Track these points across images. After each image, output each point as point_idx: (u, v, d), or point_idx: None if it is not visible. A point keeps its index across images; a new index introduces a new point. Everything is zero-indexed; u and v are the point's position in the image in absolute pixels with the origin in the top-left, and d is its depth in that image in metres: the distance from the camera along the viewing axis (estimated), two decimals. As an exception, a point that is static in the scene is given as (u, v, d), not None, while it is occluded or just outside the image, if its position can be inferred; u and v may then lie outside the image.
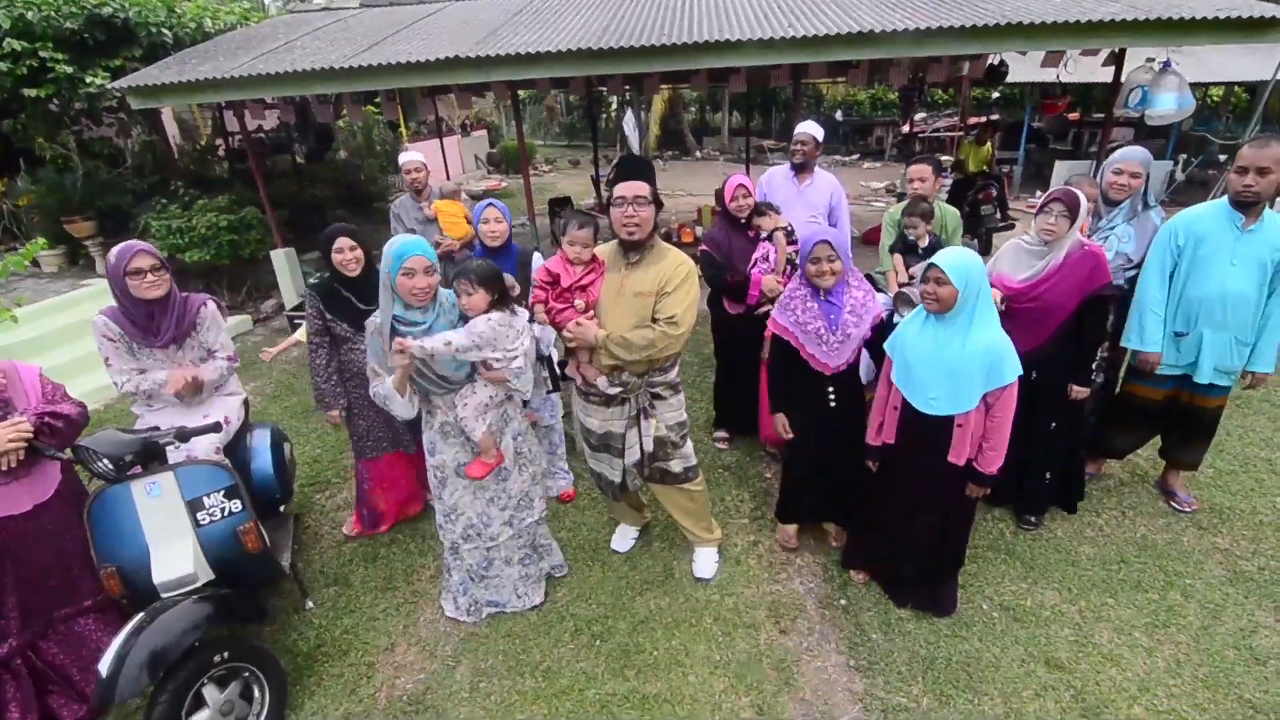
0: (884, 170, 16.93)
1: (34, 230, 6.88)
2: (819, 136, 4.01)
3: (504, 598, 2.83)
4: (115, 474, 2.19)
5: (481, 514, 2.64)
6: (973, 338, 2.35)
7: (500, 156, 18.62)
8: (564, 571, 3.05)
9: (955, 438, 2.45)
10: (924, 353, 2.43)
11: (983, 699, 2.40)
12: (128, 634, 2.06)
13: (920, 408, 2.47)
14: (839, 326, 2.69)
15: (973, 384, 2.37)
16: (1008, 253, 3.01)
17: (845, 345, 2.70)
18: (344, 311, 3.01)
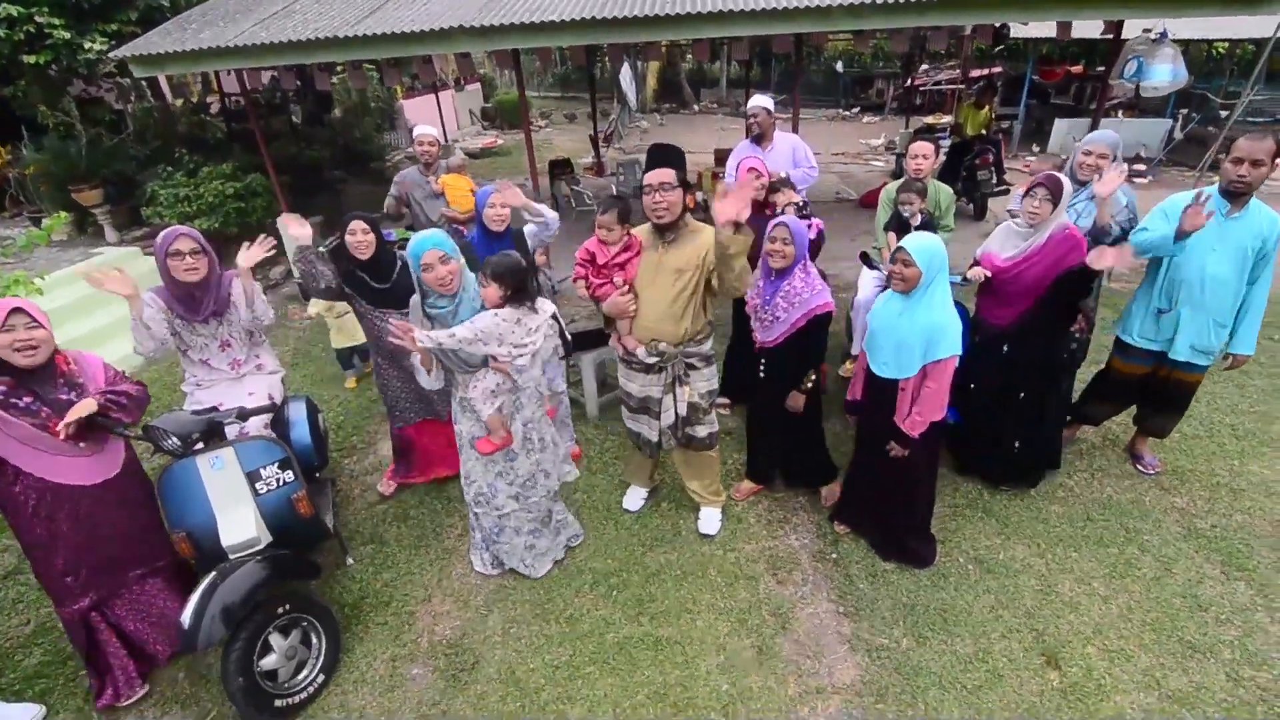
0: (882, 125, 16.78)
1: (41, 199, 6.95)
2: (770, 107, 4.38)
3: (511, 563, 3.11)
4: (182, 450, 2.43)
5: (490, 485, 2.89)
6: (921, 314, 2.64)
7: (495, 111, 18.35)
8: (579, 540, 3.30)
9: (899, 400, 2.78)
10: (883, 322, 2.75)
11: (956, 640, 2.72)
12: (203, 591, 2.34)
13: (874, 369, 2.81)
14: (770, 307, 2.97)
15: (913, 354, 2.68)
16: (998, 234, 3.23)
17: (774, 325, 2.98)
18: (362, 289, 3.22)
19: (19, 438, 2.22)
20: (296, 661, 2.59)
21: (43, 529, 2.33)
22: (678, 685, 2.59)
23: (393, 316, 3.24)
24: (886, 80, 20.11)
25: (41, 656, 2.92)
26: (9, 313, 2.20)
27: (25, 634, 3.05)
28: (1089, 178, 3.28)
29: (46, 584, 2.47)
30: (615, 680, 2.62)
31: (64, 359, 2.39)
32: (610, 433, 4.21)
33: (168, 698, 2.69)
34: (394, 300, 3.23)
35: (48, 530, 2.34)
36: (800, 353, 2.98)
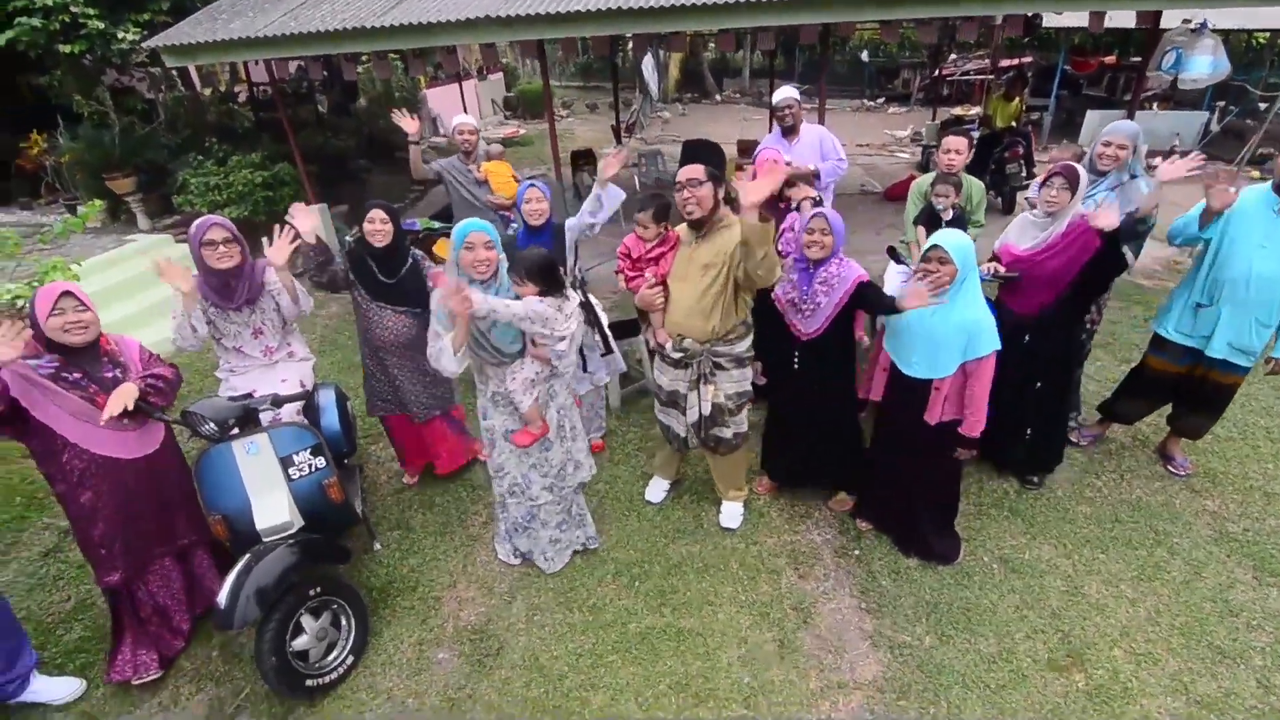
0: (908, 116, 16.52)
1: (76, 186, 7.10)
2: (798, 97, 4.35)
3: (536, 554, 3.13)
4: (219, 435, 2.48)
5: (525, 476, 2.92)
6: (957, 312, 2.60)
7: (517, 100, 18.35)
8: (596, 544, 3.27)
9: (931, 399, 2.74)
10: (912, 320, 2.69)
11: (979, 639, 2.71)
12: (239, 572, 2.40)
13: (904, 370, 2.76)
14: (809, 295, 2.93)
15: (951, 353, 2.64)
16: (1015, 225, 3.20)
17: (817, 313, 2.93)
18: (366, 279, 3.23)
19: (70, 410, 2.32)
20: (327, 643, 2.66)
21: (87, 499, 2.43)
22: (699, 676, 2.61)
23: (388, 312, 3.25)
24: (913, 70, 19.80)
25: (81, 632, 3.01)
26: (59, 296, 2.31)
27: (66, 609, 3.15)
28: (1109, 168, 3.22)
29: (85, 552, 2.57)
30: (637, 669, 2.65)
31: (106, 340, 2.50)
32: (632, 424, 4.23)
33: (202, 674, 2.77)
34: (395, 296, 3.24)
35: (92, 500, 2.43)
36: (844, 339, 2.93)
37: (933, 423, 2.74)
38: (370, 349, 3.37)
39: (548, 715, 2.50)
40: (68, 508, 2.49)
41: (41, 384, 2.27)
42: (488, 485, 3.73)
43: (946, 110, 12.61)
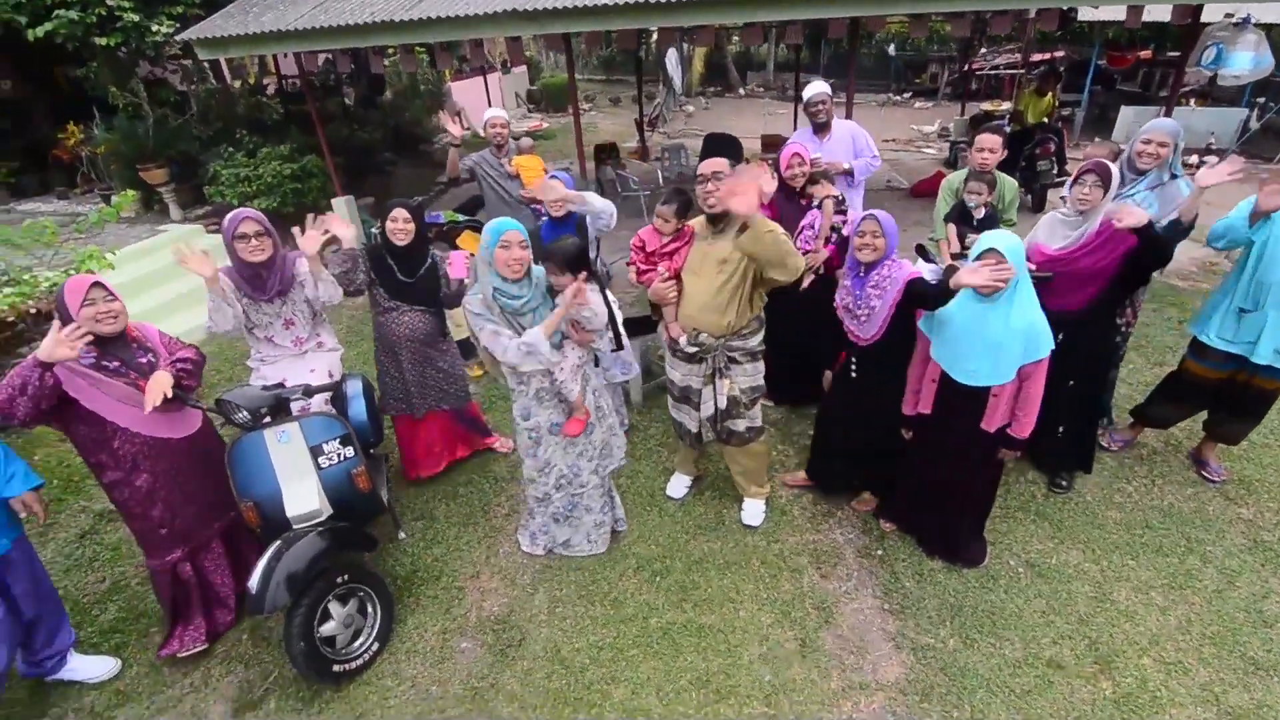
0: (936, 111, 16.26)
1: (111, 177, 7.26)
2: (829, 92, 4.29)
3: (577, 540, 3.16)
4: (252, 423, 2.53)
5: (572, 465, 2.96)
6: (1015, 315, 2.52)
7: (540, 94, 18.37)
8: (624, 526, 3.32)
9: (989, 406, 2.66)
10: (967, 329, 2.60)
11: (1004, 643, 2.68)
12: (270, 558, 2.45)
13: (960, 379, 2.67)
14: (863, 300, 2.89)
15: (1012, 358, 2.56)
16: (1045, 224, 3.13)
17: (872, 318, 2.88)
18: (386, 278, 3.26)
19: (117, 397, 2.39)
20: (353, 630, 2.70)
21: (143, 481, 2.50)
22: (720, 673, 2.62)
23: (405, 310, 3.30)
24: (941, 64, 19.45)
25: (117, 612, 3.10)
26: (90, 287, 2.36)
27: (102, 590, 3.24)
28: (1149, 167, 3.15)
29: (142, 536, 2.63)
30: (658, 664, 2.66)
31: (131, 328, 2.55)
32: (654, 419, 4.24)
33: (232, 656, 2.83)
34: (414, 295, 3.29)
35: (149, 482, 2.50)
36: (903, 343, 2.87)
37: (992, 430, 2.68)
38: (386, 346, 3.40)
39: (569, 707, 2.53)
40: (123, 493, 2.53)
41: (86, 373, 2.33)
42: (510, 478, 3.78)
43: (975, 105, 12.40)
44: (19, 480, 2.47)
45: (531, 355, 2.61)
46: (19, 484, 2.47)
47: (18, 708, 2.64)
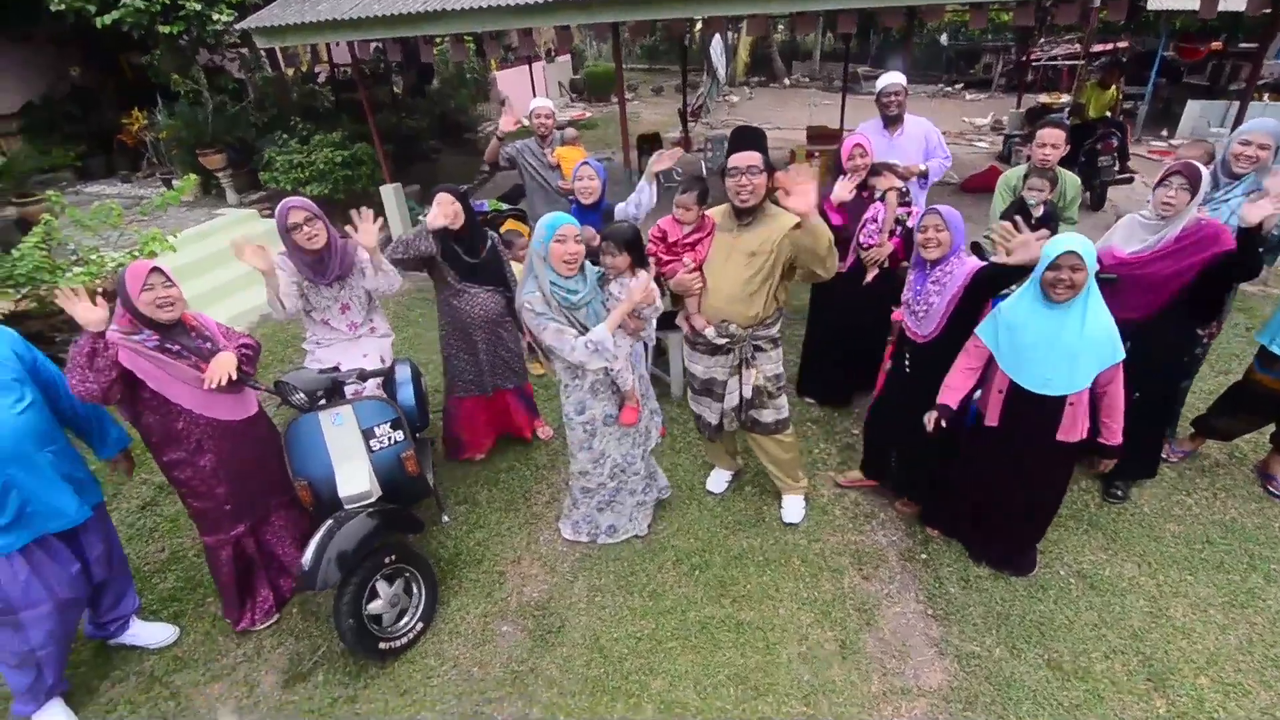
0: (989, 103, 15.76)
1: (172, 161, 7.52)
2: (905, 83, 4.11)
3: (620, 522, 3.20)
4: (308, 405, 2.61)
5: (627, 455, 3.00)
6: (1089, 321, 2.43)
7: (584, 83, 18.36)
8: (668, 493, 3.38)
9: (1066, 416, 2.55)
10: (1039, 336, 2.48)
11: (1053, 655, 2.61)
12: (322, 536, 2.52)
13: (1034, 389, 2.54)
14: (922, 296, 2.82)
15: (1088, 365, 2.46)
16: (1122, 226, 3.00)
17: (929, 315, 2.82)
18: (453, 260, 3.33)
19: (181, 379, 2.47)
20: (399, 609, 2.77)
21: (208, 461, 2.58)
22: (758, 670, 2.61)
23: (477, 290, 3.35)
24: (995, 54, 18.82)
25: (175, 582, 3.23)
26: (149, 272, 2.40)
27: (161, 560, 3.38)
28: (1246, 170, 2.98)
29: (203, 515, 2.70)
30: (696, 658, 2.67)
31: (188, 317, 2.60)
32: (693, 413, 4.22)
33: (282, 629, 2.93)
34: (483, 275, 3.34)
35: (213, 462, 2.59)
36: (962, 338, 2.79)
37: (1071, 440, 2.58)
38: (458, 329, 3.46)
39: (607, 695, 2.55)
40: (185, 473, 2.60)
41: (152, 356, 2.41)
42: (551, 466, 3.82)
43: (1031, 97, 11.98)
44: (114, 442, 2.65)
45: (599, 354, 2.63)
46: (114, 446, 2.65)
47: (83, 668, 2.78)
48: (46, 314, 4.84)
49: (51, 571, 2.41)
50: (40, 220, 4.64)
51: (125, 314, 2.42)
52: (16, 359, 2.36)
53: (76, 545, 2.52)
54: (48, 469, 2.36)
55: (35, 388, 2.39)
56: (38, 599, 2.36)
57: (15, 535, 2.29)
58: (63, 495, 2.40)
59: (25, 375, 2.36)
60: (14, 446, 2.25)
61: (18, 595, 2.33)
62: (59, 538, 2.44)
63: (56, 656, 2.49)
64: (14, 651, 2.41)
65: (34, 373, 2.42)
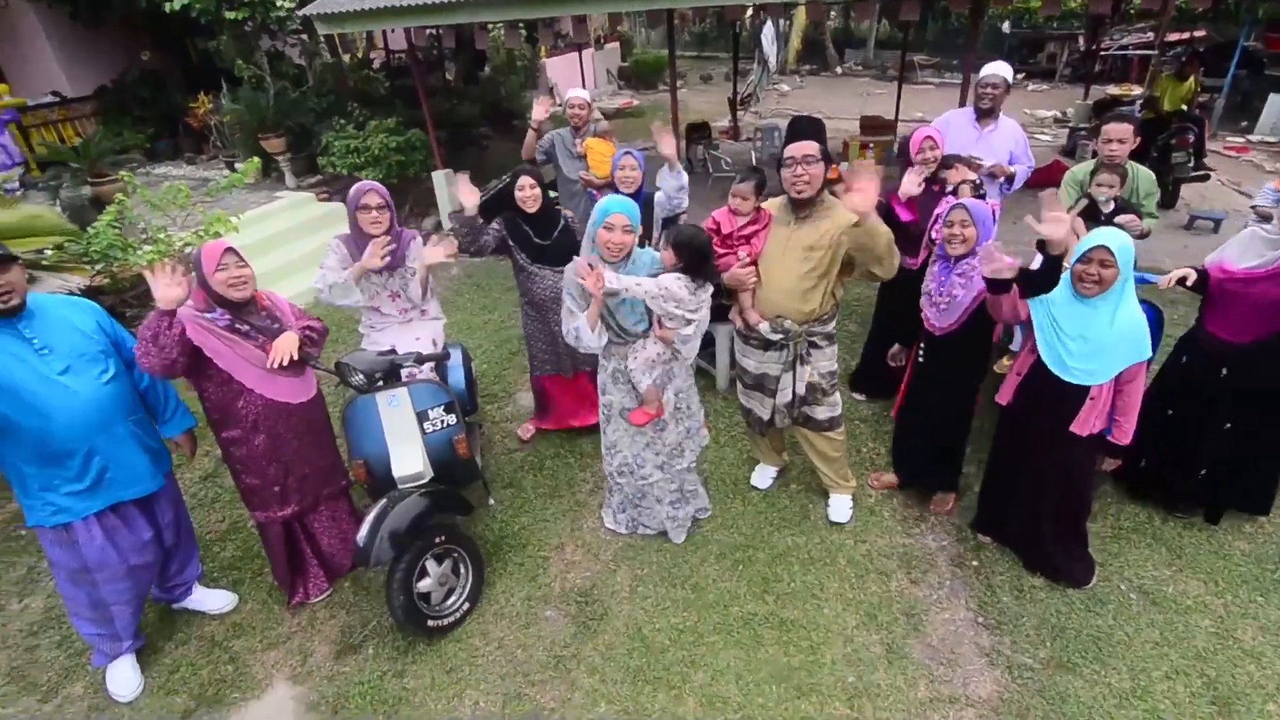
0: (1052, 95, 15.13)
1: (234, 145, 7.76)
2: (1010, 78, 3.88)
3: (653, 524, 3.18)
4: (366, 386, 2.67)
5: (637, 455, 2.96)
6: (1122, 316, 2.39)
7: (631, 71, 18.26)
8: (707, 514, 3.32)
9: (1085, 409, 2.52)
10: (1075, 325, 2.46)
11: (1110, 672, 2.52)
12: (376, 515, 2.59)
13: (1060, 374, 2.50)
14: (945, 288, 2.75)
15: (1114, 358, 2.43)
16: (1240, 240, 2.79)
17: (950, 308, 2.77)
18: (524, 243, 3.39)
19: (246, 358, 2.55)
20: (447, 588, 2.83)
21: (261, 441, 2.66)
22: (801, 669, 2.59)
23: (547, 272, 3.38)
24: (1060, 43, 18.01)
25: (234, 551, 3.37)
26: (223, 252, 2.48)
27: (221, 529, 3.53)
28: None
29: (253, 492, 2.78)
30: (739, 654, 2.66)
31: (261, 295, 2.68)
32: (740, 408, 4.18)
33: (335, 602, 3.03)
34: (553, 257, 3.37)
35: (266, 442, 2.66)
36: (979, 338, 2.77)
37: (1083, 434, 2.53)
38: (534, 309, 3.53)
39: (649, 685, 2.57)
40: (240, 451, 2.68)
41: (221, 334, 2.49)
42: (595, 454, 3.84)
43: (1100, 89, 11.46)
44: (178, 421, 2.75)
45: (579, 340, 2.66)
46: (178, 425, 2.75)
47: (148, 629, 2.91)
48: (118, 289, 5.07)
49: (124, 537, 2.53)
50: (114, 199, 4.84)
51: (200, 291, 2.51)
52: (102, 332, 2.48)
53: (149, 512, 2.64)
54: (128, 438, 2.47)
55: (119, 360, 2.50)
56: (111, 562, 2.49)
57: (93, 500, 2.41)
58: (141, 463, 2.52)
59: (110, 348, 2.47)
60: (99, 415, 2.37)
61: (94, 557, 2.46)
62: (134, 505, 2.56)
63: (129, 615, 2.62)
64: (89, 606, 2.55)
65: (117, 346, 2.53)
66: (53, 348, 2.31)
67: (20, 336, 2.26)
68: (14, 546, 3.44)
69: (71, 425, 2.30)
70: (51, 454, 2.31)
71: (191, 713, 2.59)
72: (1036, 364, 2.56)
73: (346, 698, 2.60)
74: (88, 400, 2.33)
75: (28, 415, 2.24)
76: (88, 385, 2.35)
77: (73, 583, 2.51)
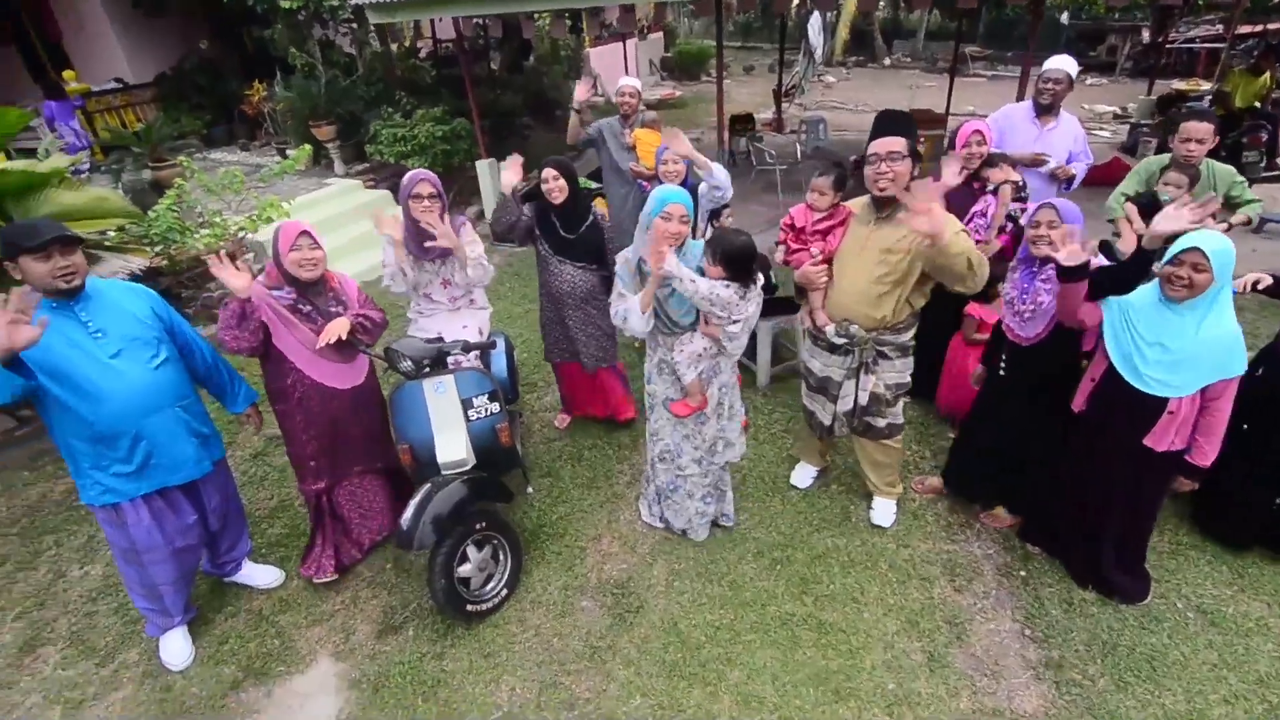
0: (1111, 89, 14.55)
1: (286, 132, 7.95)
2: (1073, 74, 3.72)
3: (678, 523, 3.15)
4: (414, 373, 2.71)
5: (677, 445, 2.94)
6: (1208, 325, 2.24)
7: (674, 61, 18.14)
8: (730, 522, 3.24)
9: (1162, 423, 2.38)
10: (1152, 330, 2.32)
11: (1164, 693, 2.43)
12: (420, 499, 2.63)
13: (1134, 383, 2.37)
14: (1029, 295, 2.63)
15: (1199, 372, 2.28)
16: None
17: (1035, 318, 2.64)
18: (549, 233, 3.37)
19: (300, 339, 2.62)
20: (486, 574, 2.87)
21: (301, 419, 2.74)
22: (840, 673, 2.55)
23: (568, 266, 3.38)
24: (1122, 35, 17.31)
25: (281, 529, 3.46)
26: (299, 234, 2.57)
27: (270, 506, 3.63)
28: None
29: (296, 464, 2.91)
30: (776, 654, 2.63)
31: (332, 277, 2.75)
32: (778, 404, 4.15)
33: (378, 582, 3.09)
34: (576, 251, 3.36)
35: (305, 421, 2.75)
36: (1067, 348, 2.63)
37: (1159, 449, 2.41)
38: (550, 299, 3.54)
39: (684, 681, 2.56)
40: (285, 424, 2.81)
41: (282, 314, 2.57)
42: (634, 446, 3.85)
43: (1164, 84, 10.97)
44: (244, 397, 2.82)
45: (627, 322, 2.67)
46: (244, 400, 2.83)
47: (200, 600, 3.01)
48: (176, 271, 5.26)
49: (170, 521, 2.57)
50: (173, 184, 5.01)
51: (274, 267, 2.60)
52: (156, 318, 2.50)
53: (195, 497, 2.69)
54: (175, 423, 2.49)
55: (171, 345, 2.53)
56: (157, 544, 2.54)
57: (140, 483, 2.45)
58: (185, 449, 2.53)
59: (163, 333, 2.50)
60: (147, 399, 2.39)
61: (141, 538, 2.51)
62: (179, 490, 2.60)
63: (177, 591, 2.70)
64: (139, 583, 2.64)
65: (171, 332, 2.56)
66: (106, 331, 2.33)
67: (76, 319, 2.29)
68: (75, 516, 3.59)
69: (120, 409, 2.32)
70: (100, 435, 2.33)
71: (239, 683, 2.67)
72: (1110, 369, 2.44)
73: (387, 677, 2.65)
74: (137, 384, 2.35)
75: (78, 397, 2.26)
76: (138, 370, 2.37)
77: (125, 560, 2.60)
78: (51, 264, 2.18)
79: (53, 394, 2.24)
